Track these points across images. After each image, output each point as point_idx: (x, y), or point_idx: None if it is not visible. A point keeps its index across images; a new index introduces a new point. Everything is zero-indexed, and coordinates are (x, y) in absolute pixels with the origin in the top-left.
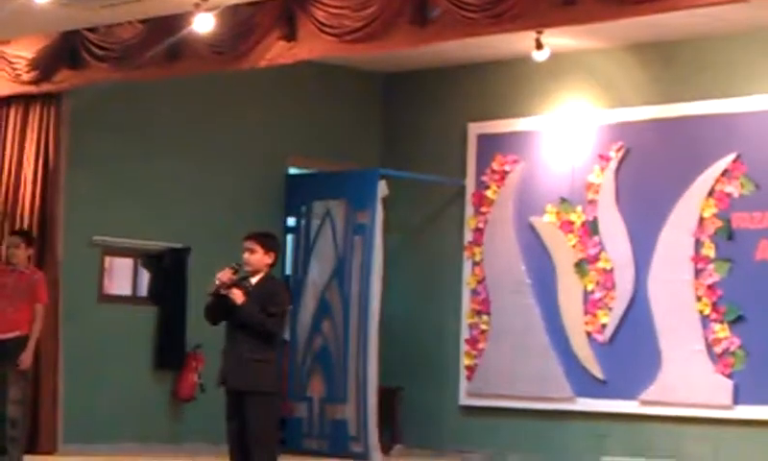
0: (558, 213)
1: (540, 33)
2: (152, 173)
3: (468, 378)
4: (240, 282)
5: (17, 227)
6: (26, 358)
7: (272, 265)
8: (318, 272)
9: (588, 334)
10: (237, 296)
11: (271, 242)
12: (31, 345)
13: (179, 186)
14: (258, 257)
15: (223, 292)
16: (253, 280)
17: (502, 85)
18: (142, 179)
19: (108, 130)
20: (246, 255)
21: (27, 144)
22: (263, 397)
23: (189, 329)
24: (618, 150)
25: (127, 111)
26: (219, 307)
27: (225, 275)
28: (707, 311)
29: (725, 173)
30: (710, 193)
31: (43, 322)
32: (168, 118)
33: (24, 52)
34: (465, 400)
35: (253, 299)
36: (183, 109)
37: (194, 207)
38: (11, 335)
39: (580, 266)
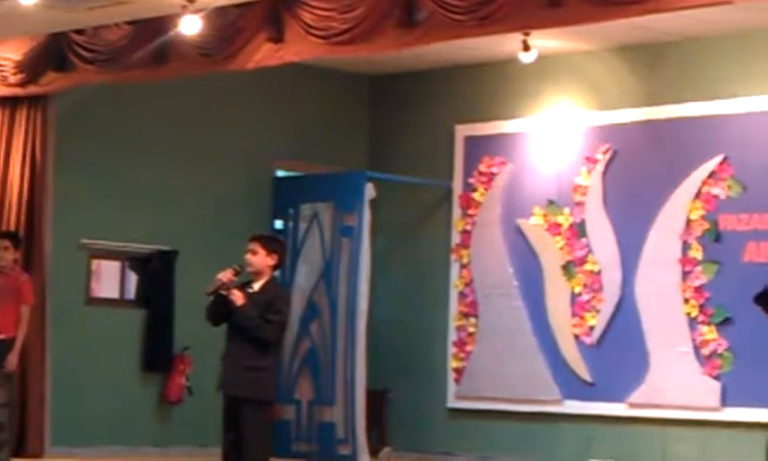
0: (545, 215)
1: (526, 34)
2: (139, 176)
3: (456, 381)
4: (242, 286)
5: (4, 229)
6: (12, 360)
7: (275, 267)
8: (305, 274)
9: (576, 336)
10: (237, 297)
11: (274, 243)
12: (17, 347)
13: (166, 189)
14: (260, 259)
15: (223, 292)
16: (256, 286)
17: (489, 87)
18: (129, 181)
19: (95, 132)
20: (248, 256)
21: (14, 147)
22: (259, 405)
23: (177, 332)
24: (605, 152)
25: (114, 114)
26: (218, 308)
27: (225, 275)
28: (694, 313)
29: (712, 175)
30: (697, 195)
31: (29, 323)
32: (155, 121)
33: (10, 54)
34: (452, 402)
35: (254, 304)
36: (170, 111)
37: (181, 210)
38: None
39: (567, 268)
